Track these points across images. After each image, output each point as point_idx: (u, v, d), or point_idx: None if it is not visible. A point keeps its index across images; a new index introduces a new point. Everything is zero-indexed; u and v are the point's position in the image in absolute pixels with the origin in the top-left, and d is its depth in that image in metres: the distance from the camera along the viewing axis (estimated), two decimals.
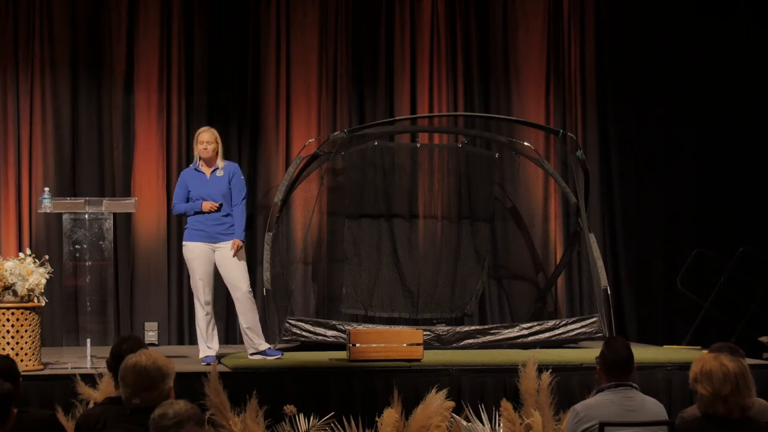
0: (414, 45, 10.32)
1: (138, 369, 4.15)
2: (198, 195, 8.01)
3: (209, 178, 8.06)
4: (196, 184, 8.05)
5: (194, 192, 8.03)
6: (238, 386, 7.00)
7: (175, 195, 8.16)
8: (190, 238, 8.00)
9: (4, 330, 7.26)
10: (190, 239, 8.00)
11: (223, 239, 8.00)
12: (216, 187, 8.03)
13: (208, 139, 8.06)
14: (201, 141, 8.06)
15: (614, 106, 10.65)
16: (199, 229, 7.99)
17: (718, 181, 10.63)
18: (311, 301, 10.01)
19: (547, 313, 10.07)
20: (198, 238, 7.98)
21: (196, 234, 7.99)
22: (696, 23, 10.76)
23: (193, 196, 8.03)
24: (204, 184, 8.04)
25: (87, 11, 9.79)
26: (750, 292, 9.49)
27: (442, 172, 10.15)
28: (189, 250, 7.99)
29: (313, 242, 9.99)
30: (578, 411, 4.99)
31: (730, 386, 4.21)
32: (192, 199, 8.04)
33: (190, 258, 7.98)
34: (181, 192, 8.10)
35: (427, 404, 7.10)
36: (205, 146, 8.03)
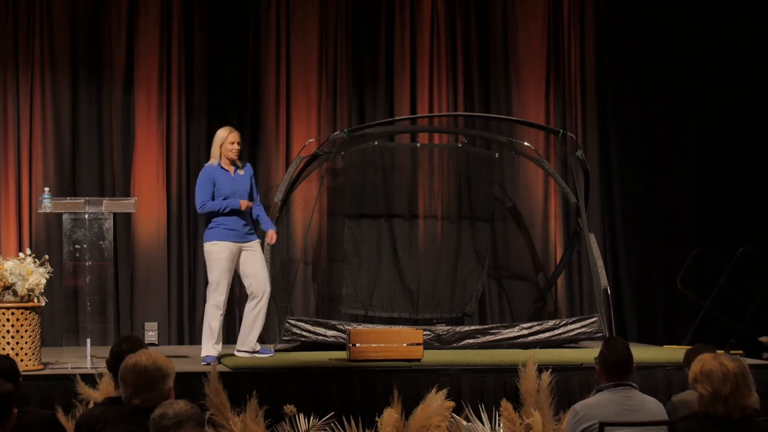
0: (414, 45, 10.33)
1: (138, 369, 4.15)
2: (226, 193, 8.01)
3: (234, 177, 8.09)
4: (224, 182, 8.04)
5: (223, 190, 8.02)
6: (238, 386, 7.00)
7: (203, 193, 8.02)
8: (221, 237, 7.97)
9: (4, 330, 7.26)
10: (220, 238, 7.97)
11: (249, 239, 8.08)
12: (243, 185, 8.09)
13: (238, 139, 8.13)
14: (231, 141, 8.08)
15: (614, 106, 10.66)
16: (231, 229, 7.99)
17: (718, 181, 10.63)
18: (311, 301, 10.01)
19: (547, 313, 10.07)
20: (229, 237, 7.98)
21: (228, 233, 7.99)
22: (696, 23, 10.77)
23: (221, 194, 8.01)
24: (231, 182, 8.06)
25: (87, 11, 9.79)
26: (750, 292, 9.48)
27: (442, 172, 10.15)
28: (220, 249, 7.96)
29: (313, 242, 9.99)
30: (578, 411, 4.99)
31: (730, 386, 4.21)
32: (218, 197, 8.02)
33: (220, 257, 7.95)
34: (208, 189, 8.02)
35: (427, 404, 7.10)
36: (235, 146, 8.07)
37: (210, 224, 8.05)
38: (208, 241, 8.03)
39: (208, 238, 8.03)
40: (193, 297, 9.86)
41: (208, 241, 8.03)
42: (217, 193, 8.01)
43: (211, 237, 8.01)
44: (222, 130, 8.18)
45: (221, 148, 8.08)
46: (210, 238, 8.02)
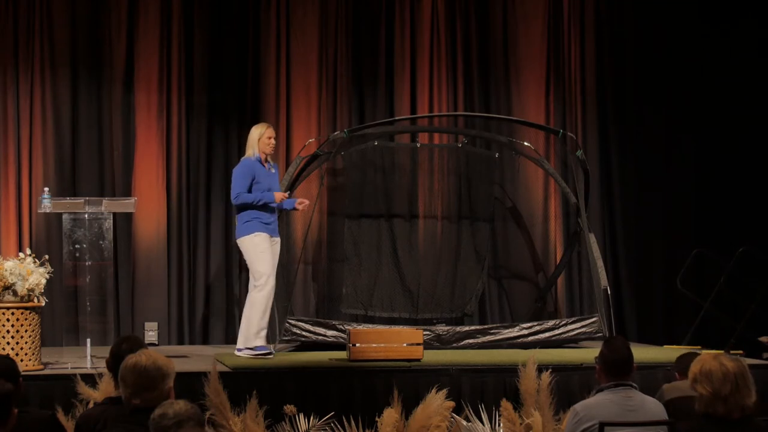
0: (414, 45, 10.33)
1: (138, 369, 4.15)
2: (265, 187, 8.12)
3: (268, 172, 8.21)
4: (262, 176, 8.15)
5: (262, 184, 8.12)
6: (238, 386, 6.99)
7: (241, 185, 8.08)
8: (260, 229, 8.06)
9: (4, 330, 7.26)
10: (259, 230, 8.06)
11: (276, 234, 8.23)
12: (276, 180, 8.28)
13: (274, 134, 8.27)
14: (268, 136, 8.20)
15: (614, 106, 10.66)
16: (266, 222, 8.10)
17: (717, 181, 10.63)
18: (311, 301, 10.01)
19: (547, 313, 10.07)
20: (265, 230, 8.09)
21: (264, 227, 8.08)
22: (696, 23, 10.77)
23: (260, 188, 8.11)
24: (268, 177, 8.19)
25: (87, 11, 9.79)
26: (750, 292, 9.47)
27: (442, 172, 10.15)
28: (262, 240, 8.06)
29: (313, 242, 9.99)
30: (578, 411, 4.99)
31: (730, 386, 4.20)
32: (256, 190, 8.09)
33: (264, 248, 8.05)
34: (246, 181, 8.09)
35: (427, 404, 7.10)
36: (272, 141, 8.21)
37: (245, 218, 8.10)
38: (249, 234, 8.08)
39: (248, 231, 8.08)
40: (193, 297, 9.86)
41: (248, 234, 8.08)
42: (256, 187, 8.10)
43: (251, 229, 8.07)
44: (259, 126, 8.30)
45: (258, 143, 8.16)
46: (250, 230, 8.07)
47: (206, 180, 9.96)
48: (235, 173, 8.18)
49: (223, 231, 9.94)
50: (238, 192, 8.08)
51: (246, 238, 8.08)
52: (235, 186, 8.12)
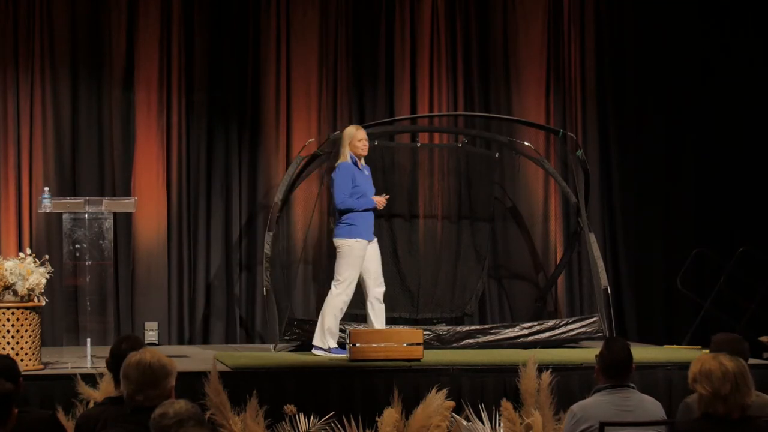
0: (414, 45, 10.33)
1: (142, 365, 4.16)
2: (363, 190, 8.22)
3: (362, 174, 8.30)
4: (361, 180, 8.25)
5: (360, 187, 8.22)
6: (238, 386, 6.99)
7: (345, 190, 8.17)
8: (361, 234, 8.19)
9: (4, 330, 7.26)
10: (361, 236, 8.18)
11: (373, 236, 8.32)
12: (371, 182, 8.37)
13: (366, 136, 8.34)
14: (359, 138, 8.29)
15: (614, 106, 10.66)
16: (368, 228, 8.25)
17: (718, 180, 10.63)
18: (311, 301, 10.01)
19: (547, 313, 10.07)
20: (366, 235, 8.23)
21: (365, 232, 8.22)
22: (696, 23, 10.77)
23: (359, 191, 8.21)
24: (365, 180, 8.29)
25: (87, 11, 9.79)
26: (750, 292, 9.48)
27: (442, 172, 10.15)
28: (361, 246, 8.18)
29: (313, 242, 9.99)
30: (575, 412, 5.00)
31: (730, 386, 4.21)
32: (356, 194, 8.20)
33: (360, 255, 8.17)
34: (349, 185, 8.19)
35: (427, 404, 7.10)
36: (364, 143, 8.29)
37: (347, 220, 8.20)
38: (350, 238, 8.17)
39: (350, 235, 8.17)
40: (193, 297, 9.86)
41: (349, 238, 8.17)
42: (354, 190, 8.20)
43: (352, 233, 8.17)
44: (351, 128, 8.41)
45: (350, 145, 8.24)
46: (351, 234, 8.17)
47: (206, 180, 9.96)
48: (337, 178, 8.25)
49: (223, 231, 9.94)
50: (343, 197, 8.17)
51: (346, 241, 8.19)
52: (338, 191, 8.20)
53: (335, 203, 8.26)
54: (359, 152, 8.28)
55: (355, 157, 8.29)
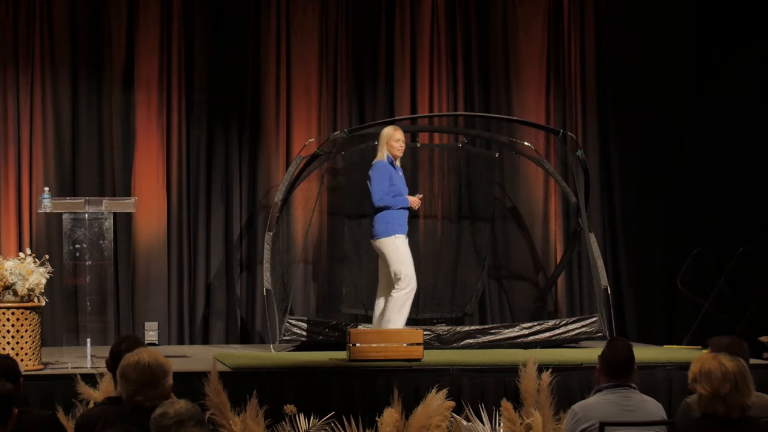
0: (414, 45, 10.33)
1: (140, 366, 4.16)
2: (397, 190, 8.32)
3: (397, 174, 8.38)
4: (396, 179, 8.34)
5: (396, 186, 8.31)
6: (238, 386, 6.99)
7: (382, 188, 8.27)
8: (399, 231, 8.31)
9: (4, 330, 7.26)
10: (399, 232, 8.30)
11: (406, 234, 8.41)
12: (404, 182, 8.46)
13: (403, 137, 8.45)
14: (398, 139, 8.39)
15: (614, 106, 10.65)
16: (403, 224, 8.33)
17: (718, 180, 10.62)
18: (311, 301, 10.01)
19: (547, 312, 10.07)
20: (404, 231, 8.32)
21: (402, 227, 8.32)
22: (696, 23, 10.76)
23: (395, 190, 8.30)
24: (399, 180, 8.38)
25: (87, 11, 9.79)
26: (750, 292, 9.49)
27: (442, 172, 10.15)
28: (402, 241, 8.31)
29: (313, 242, 10.00)
30: (576, 411, 5.00)
31: (729, 385, 4.21)
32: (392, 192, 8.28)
33: (405, 250, 8.30)
34: (386, 184, 8.29)
35: (428, 404, 7.09)
36: (401, 143, 8.40)
37: (385, 218, 8.28)
38: (392, 235, 8.28)
39: (391, 232, 8.28)
40: (193, 297, 9.86)
41: (390, 235, 8.28)
42: (390, 189, 8.29)
43: (392, 230, 8.28)
44: (389, 128, 8.49)
45: (387, 145, 8.32)
46: (392, 231, 8.27)
47: (206, 179, 9.96)
48: (374, 176, 8.34)
49: (223, 230, 9.94)
50: (381, 195, 8.25)
51: (388, 240, 8.27)
52: (376, 189, 8.29)
53: (373, 200, 8.32)
54: (395, 153, 8.40)
55: (391, 157, 8.38)
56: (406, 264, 8.28)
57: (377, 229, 8.31)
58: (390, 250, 8.28)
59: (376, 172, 8.35)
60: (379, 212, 8.30)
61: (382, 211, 8.29)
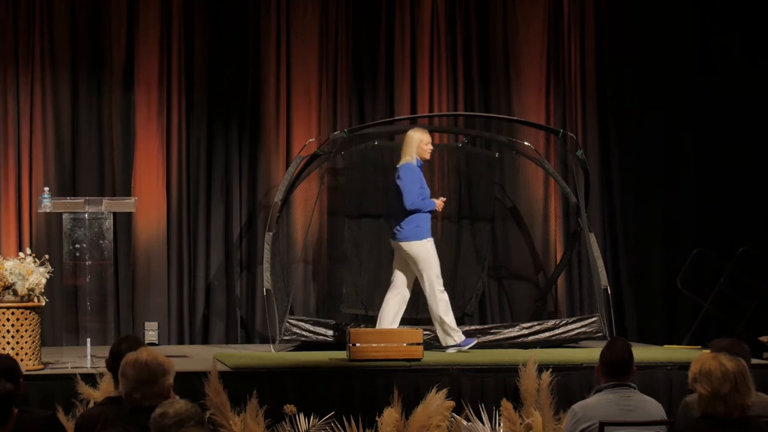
0: (414, 45, 10.32)
1: (139, 363, 4.17)
2: (425, 194, 8.39)
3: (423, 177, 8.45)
4: (424, 181, 8.41)
5: (424, 189, 8.39)
6: (238, 386, 7.00)
7: (415, 191, 8.32)
8: (428, 234, 8.38)
9: (4, 330, 7.26)
10: (428, 236, 8.37)
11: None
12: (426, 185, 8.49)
13: (431, 140, 8.51)
14: (426, 142, 8.45)
15: (614, 106, 10.65)
16: (429, 227, 8.41)
17: (718, 180, 10.62)
18: (311, 301, 10.01)
19: (547, 312, 10.07)
20: (430, 234, 8.37)
21: (428, 231, 8.38)
22: (696, 22, 10.76)
23: (424, 193, 8.38)
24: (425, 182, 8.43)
25: (87, 11, 9.79)
26: (750, 292, 9.49)
27: (442, 172, 10.14)
28: (432, 245, 8.36)
29: (313, 242, 10.00)
30: (576, 411, 5.01)
31: (729, 385, 4.21)
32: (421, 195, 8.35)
33: (433, 252, 8.36)
34: (418, 187, 8.34)
35: (428, 404, 7.10)
36: (430, 147, 8.48)
37: (415, 222, 8.34)
38: (422, 239, 8.34)
39: (420, 236, 8.33)
40: (193, 297, 9.85)
41: (421, 239, 8.34)
42: (422, 192, 8.36)
43: (422, 234, 8.34)
44: (419, 131, 8.54)
45: (417, 148, 8.40)
46: (419, 235, 8.33)
47: (206, 179, 9.96)
48: (406, 179, 8.35)
49: (223, 230, 9.94)
50: (413, 198, 8.29)
51: (418, 243, 8.32)
52: (409, 192, 8.31)
53: (405, 204, 8.32)
54: (425, 156, 8.46)
55: (419, 160, 8.43)
56: (434, 267, 8.35)
57: (407, 232, 8.34)
58: (422, 254, 8.32)
59: (406, 175, 8.37)
60: (410, 215, 8.33)
61: (412, 213, 8.32)
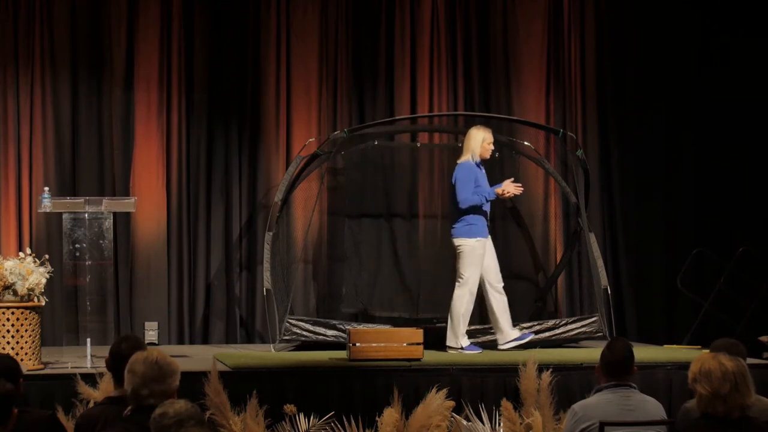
0: (414, 45, 10.32)
1: (150, 360, 4.18)
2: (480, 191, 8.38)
3: (482, 174, 8.46)
4: (482, 179, 8.41)
5: (482, 187, 8.40)
6: (238, 386, 7.00)
7: (468, 189, 8.32)
8: (481, 233, 8.37)
9: (4, 330, 7.26)
10: (481, 235, 8.37)
11: (488, 234, 8.48)
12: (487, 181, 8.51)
13: (492, 139, 8.52)
14: (488, 141, 8.49)
15: (614, 106, 10.65)
16: (484, 226, 8.41)
17: (718, 180, 10.62)
18: (311, 301, 10.01)
19: (547, 312, 10.06)
20: (484, 233, 8.39)
21: (483, 230, 8.41)
22: (696, 22, 10.76)
23: (480, 191, 8.37)
24: (484, 179, 8.44)
25: (87, 11, 9.79)
26: (750, 292, 9.49)
27: (442, 172, 10.14)
28: (481, 245, 8.36)
29: (313, 242, 9.99)
30: (576, 411, 5.01)
31: (729, 385, 4.21)
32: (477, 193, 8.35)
33: (481, 254, 8.34)
34: (471, 186, 8.34)
35: (428, 404, 7.10)
36: (491, 146, 8.52)
37: (466, 220, 8.36)
38: (471, 238, 8.34)
39: (470, 234, 8.34)
40: (193, 296, 9.85)
41: (470, 237, 8.34)
42: (476, 190, 8.35)
43: (472, 233, 8.34)
44: (481, 130, 8.56)
45: (480, 147, 8.45)
46: (471, 233, 8.34)
47: (206, 179, 9.96)
48: (460, 178, 8.39)
49: (223, 230, 9.94)
50: (466, 196, 8.30)
51: (467, 241, 8.35)
52: (461, 190, 8.34)
53: (459, 201, 8.35)
54: (486, 155, 8.48)
55: (477, 158, 8.44)
56: (475, 269, 8.34)
57: (459, 230, 8.39)
58: (467, 251, 8.34)
59: (461, 174, 8.41)
60: (464, 213, 8.36)
61: (466, 212, 8.34)
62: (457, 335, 8.36)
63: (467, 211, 8.36)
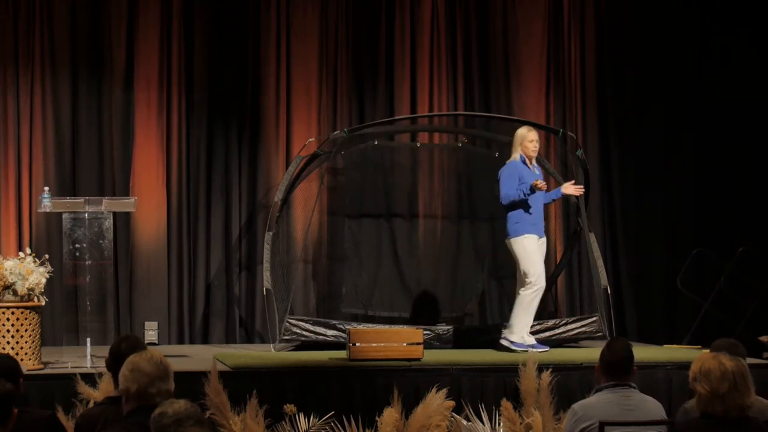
0: (414, 45, 10.33)
1: (154, 359, 4.18)
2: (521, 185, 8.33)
3: (531, 172, 8.40)
4: (527, 177, 8.33)
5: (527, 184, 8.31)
6: (238, 386, 6.99)
7: (509, 185, 8.29)
8: (529, 230, 8.31)
9: (4, 329, 7.26)
10: (529, 232, 8.30)
11: (543, 234, 8.44)
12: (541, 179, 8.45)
13: (537, 138, 8.49)
14: (530, 139, 8.43)
15: (614, 105, 10.66)
16: (533, 223, 8.32)
17: (718, 180, 10.63)
18: (311, 301, 10.01)
19: (547, 312, 10.05)
20: (534, 230, 8.31)
21: (533, 227, 8.31)
22: (696, 23, 10.76)
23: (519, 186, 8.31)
24: (532, 177, 8.36)
25: (87, 11, 9.79)
26: (750, 292, 9.49)
27: (442, 172, 10.15)
28: (531, 241, 8.29)
29: (313, 241, 10.00)
30: (576, 410, 5.01)
31: (728, 385, 4.21)
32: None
33: (533, 250, 8.28)
34: (514, 183, 8.30)
35: (427, 404, 7.10)
36: (534, 144, 8.43)
37: (515, 218, 8.32)
38: (520, 235, 8.30)
39: (519, 232, 8.30)
40: (193, 297, 9.86)
41: (519, 235, 8.30)
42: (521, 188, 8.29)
43: (521, 230, 8.30)
44: (523, 129, 8.52)
45: (521, 146, 8.37)
46: (520, 231, 8.30)
47: (206, 179, 9.96)
48: (503, 175, 8.39)
49: (223, 230, 9.94)
50: (506, 191, 8.30)
51: (517, 240, 8.31)
52: (502, 186, 8.35)
53: (500, 199, 8.36)
54: (529, 153, 8.43)
55: (524, 157, 8.42)
56: (533, 263, 8.27)
57: (508, 229, 8.38)
58: (519, 249, 8.31)
59: (504, 171, 8.42)
60: (510, 211, 8.34)
61: (513, 209, 8.32)
62: (513, 330, 8.31)
63: (511, 208, 8.32)
